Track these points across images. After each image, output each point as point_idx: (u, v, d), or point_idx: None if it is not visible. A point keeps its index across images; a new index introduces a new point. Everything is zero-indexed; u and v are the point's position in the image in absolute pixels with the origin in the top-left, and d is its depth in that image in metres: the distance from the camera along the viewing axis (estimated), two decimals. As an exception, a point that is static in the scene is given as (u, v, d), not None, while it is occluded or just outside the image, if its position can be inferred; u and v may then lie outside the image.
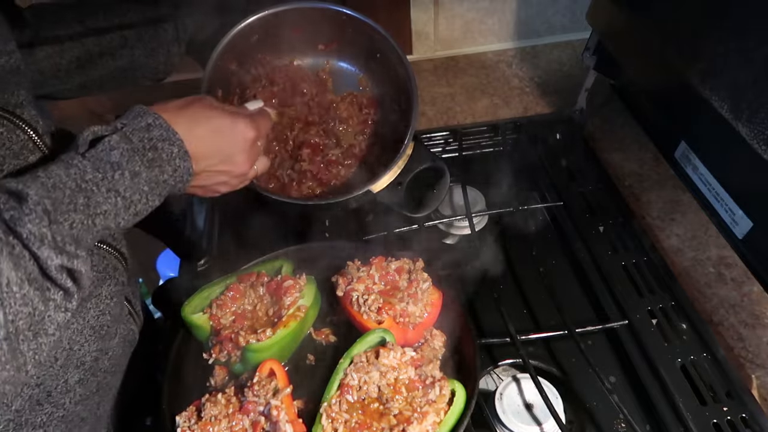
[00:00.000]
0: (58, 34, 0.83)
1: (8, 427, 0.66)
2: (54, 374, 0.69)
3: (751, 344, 0.92)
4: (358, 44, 0.96)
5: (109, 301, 0.75)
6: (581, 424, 0.85)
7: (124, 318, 0.80)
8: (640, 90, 1.05)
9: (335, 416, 0.73)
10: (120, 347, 0.80)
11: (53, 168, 0.56)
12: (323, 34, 0.97)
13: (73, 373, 0.71)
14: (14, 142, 0.63)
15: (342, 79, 1.01)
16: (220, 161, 0.70)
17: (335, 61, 1.01)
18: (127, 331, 0.81)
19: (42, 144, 0.66)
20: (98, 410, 0.79)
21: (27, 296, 0.50)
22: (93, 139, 0.60)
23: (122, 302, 0.80)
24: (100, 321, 0.74)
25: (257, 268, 0.92)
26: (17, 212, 0.51)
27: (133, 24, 0.87)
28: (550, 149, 1.24)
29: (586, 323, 0.94)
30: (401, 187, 0.92)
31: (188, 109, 0.67)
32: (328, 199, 0.92)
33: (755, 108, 0.71)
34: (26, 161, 0.64)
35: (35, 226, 0.51)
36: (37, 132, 0.65)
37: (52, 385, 0.70)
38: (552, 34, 1.55)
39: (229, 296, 0.86)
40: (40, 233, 0.51)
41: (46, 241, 0.51)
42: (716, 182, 0.81)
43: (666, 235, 1.09)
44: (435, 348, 0.85)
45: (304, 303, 0.85)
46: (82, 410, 0.75)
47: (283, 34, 0.94)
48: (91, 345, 0.73)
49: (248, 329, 0.82)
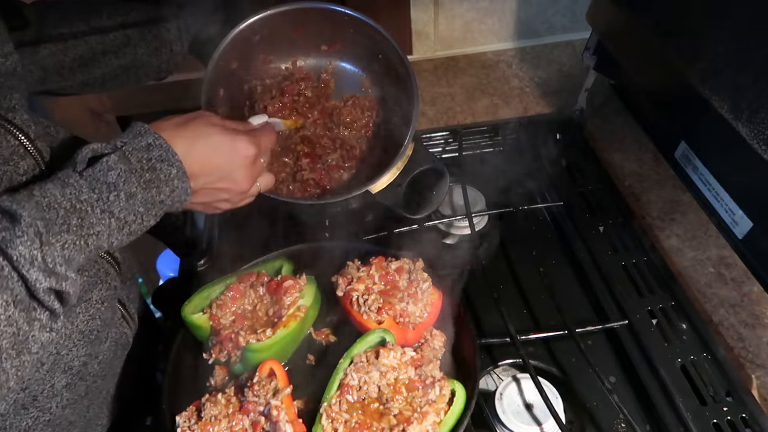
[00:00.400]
0: (61, 31, 0.83)
1: None
2: (40, 378, 0.68)
3: (751, 344, 0.92)
4: (361, 45, 0.96)
5: (100, 305, 0.74)
6: (581, 424, 0.85)
7: (116, 322, 0.80)
8: (640, 90, 1.05)
9: (335, 416, 0.73)
10: (111, 351, 0.79)
11: (49, 186, 0.55)
12: (325, 34, 0.97)
13: (60, 378, 0.71)
14: (4, 148, 0.62)
15: (345, 80, 1.01)
16: (219, 179, 0.69)
17: (338, 61, 1.01)
18: (119, 335, 0.80)
19: (33, 149, 0.65)
20: (88, 413, 0.78)
21: (12, 318, 0.50)
22: (92, 157, 0.59)
23: (114, 306, 0.79)
24: (89, 326, 0.73)
25: (257, 268, 0.92)
26: (9, 233, 0.50)
27: (136, 23, 0.87)
28: (550, 149, 1.24)
29: (586, 323, 0.94)
30: (401, 188, 0.92)
31: (188, 126, 0.67)
32: (326, 200, 0.92)
33: (755, 108, 0.71)
34: (16, 167, 0.63)
35: (26, 249, 0.50)
36: (28, 137, 0.65)
37: (38, 390, 0.69)
38: (552, 34, 1.55)
39: (229, 296, 0.86)
40: (30, 255, 0.50)
41: (36, 263, 0.51)
42: (716, 182, 0.81)
43: (666, 235, 1.09)
44: (435, 348, 0.85)
45: (304, 303, 0.85)
46: (70, 414, 0.74)
47: (285, 34, 0.94)
48: (79, 350, 0.72)
49: (248, 329, 0.82)
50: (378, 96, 1.01)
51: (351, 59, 1.00)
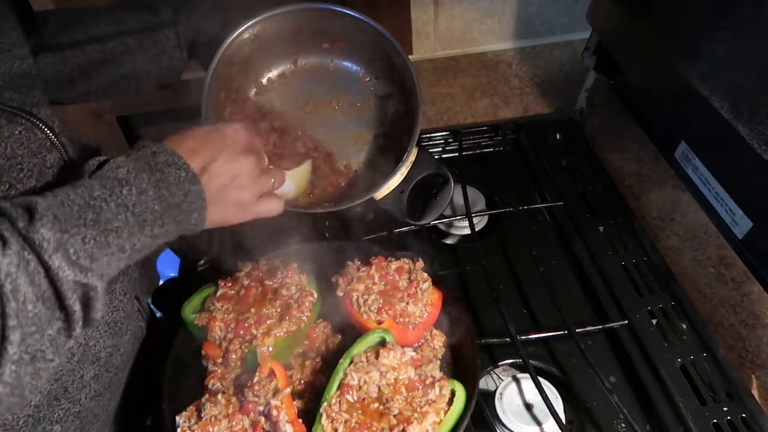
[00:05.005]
0: (60, 41, 0.83)
1: (27, 423, 0.67)
2: (71, 369, 0.70)
3: (751, 344, 0.92)
4: (363, 45, 0.96)
5: (122, 297, 0.76)
6: (581, 424, 0.85)
7: (134, 314, 0.82)
8: (640, 90, 1.05)
9: (335, 416, 0.73)
10: (131, 343, 0.81)
11: (60, 190, 0.55)
12: (326, 34, 0.97)
13: (88, 369, 0.72)
14: (32, 141, 0.64)
15: (345, 78, 1.01)
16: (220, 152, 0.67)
17: (339, 60, 1.01)
18: (136, 328, 0.82)
19: (59, 143, 0.67)
20: (109, 407, 0.80)
21: (38, 315, 0.49)
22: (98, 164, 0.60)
23: (133, 299, 0.81)
24: (113, 317, 0.75)
25: (258, 268, 0.92)
26: (29, 221, 0.50)
27: (133, 31, 0.87)
28: (550, 149, 1.24)
29: (586, 323, 0.94)
30: (404, 194, 0.91)
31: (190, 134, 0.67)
32: (327, 208, 0.91)
33: (755, 108, 0.71)
34: (44, 160, 0.65)
35: (48, 231, 0.50)
36: (53, 131, 0.66)
37: (69, 381, 0.71)
38: (552, 34, 1.55)
39: (228, 296, 0.86)
40: (53, 238, 0.50)
41: (61, 249, 0.50)
42: (716, 182, 0.81)
43: (666, 235, 1.09)
44: (435, 348, 0.85)
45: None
46: (95, 406, 0.76)
47: (286, 34, 0.94)
48: (105, 341, 0.74)
49: (249, 329, 0.82)
50: (380, 98, 1.00)
51: (353, 58, 1.00)
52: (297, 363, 0.85)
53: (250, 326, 0.81)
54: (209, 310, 0.85)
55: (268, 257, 0.94)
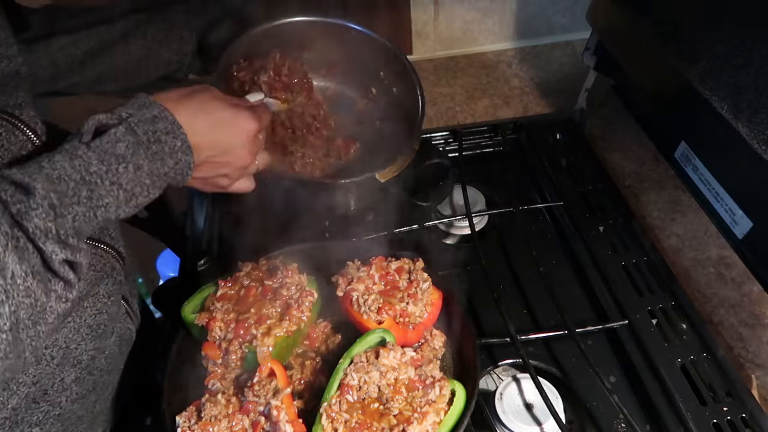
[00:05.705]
0: (69, 25, 0.84)
1: (5, 425, 0.66)
2: (50, 372, 0.69)
3: (751, 344, 0.92)
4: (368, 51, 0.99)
5: (106, 300, 0.75)
6: (581, 424, 0.85)
7: (121, 317, 0.81)
8: (640, 90, 1.05)
9: (335, 416, 0.73)
10: (116, 346, 0.80)
11: (57, 158, 0.55)
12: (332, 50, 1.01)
13: (69, 372, 0.72)
14: (12, 143, 0.63)
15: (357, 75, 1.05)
16: (221, 152, 0.70)
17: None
18: (123, 330, 0.81)
19: (41, 145, 0.66)
20: (94, 408, 0.79)
21: (30, 288, 0.50)
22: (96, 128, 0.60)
23: (119, 301, 0.80)
24: (96, 320, 0.74)
25: (257, 269, 0.92)
26: (24, 206, 0.51)
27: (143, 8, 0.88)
28: (550, 149, 1.24)
29: (586, 323, 0.94)
30: (408, 179, 0.94)
31: (191, 99, 0.67)
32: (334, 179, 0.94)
33: (755, 108, 0.71)
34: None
35: (41, 221, 0.51)
36: (35, 133, 0.65)
37: (49, 384, 0.70)
38: (552, 34, 1.55)
39: (228, 296, 0.86)
40: (45, 228, 0.51)
41: (51, 235, 0.52)
42: (716, 182, 0.81)
43: (666, 235, 1.09)
44: (435, 348, 0.85)
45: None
46: (78, 408, 0.75)
47: (292, 40, 0.96)
48: (87, 344, 0.73)
49: (249, 329, 0.82)
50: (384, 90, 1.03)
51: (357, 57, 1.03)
52: (297, 363, 0.85)
53: (250, 326, 0.81)
54: (209, 310, 0.84)
55: (268, 257, 0.94)
